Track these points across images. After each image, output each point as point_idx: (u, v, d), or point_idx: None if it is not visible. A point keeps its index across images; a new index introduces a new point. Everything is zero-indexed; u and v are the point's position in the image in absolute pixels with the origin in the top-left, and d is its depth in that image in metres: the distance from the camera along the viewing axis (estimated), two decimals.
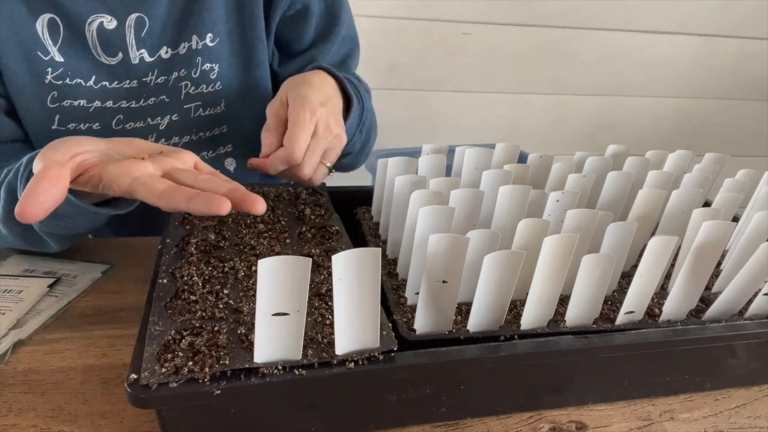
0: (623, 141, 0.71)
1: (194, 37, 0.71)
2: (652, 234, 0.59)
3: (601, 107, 1.74)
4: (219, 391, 0.37)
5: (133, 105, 0.71)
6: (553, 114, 1.72)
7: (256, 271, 0.41)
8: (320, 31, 0.80)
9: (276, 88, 0.70)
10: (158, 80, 0.71)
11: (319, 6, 0.78)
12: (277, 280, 0.36)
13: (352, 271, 0.37)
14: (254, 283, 0.48)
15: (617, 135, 1.78)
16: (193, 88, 0.73)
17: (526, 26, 1.57)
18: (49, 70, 0.66)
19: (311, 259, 0.36)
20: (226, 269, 0.51)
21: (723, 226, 0.48)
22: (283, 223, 0.60)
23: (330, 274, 0.40)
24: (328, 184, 0.71)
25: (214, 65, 0.73)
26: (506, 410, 0.47)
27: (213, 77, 0.74)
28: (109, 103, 0.70)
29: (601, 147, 0.71)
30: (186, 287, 0.48)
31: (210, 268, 0.51)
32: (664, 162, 0.68)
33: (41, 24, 0.64)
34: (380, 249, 0.38)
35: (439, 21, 1.52)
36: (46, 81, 0.66)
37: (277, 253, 0.54)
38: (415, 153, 0.62)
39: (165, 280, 0.48)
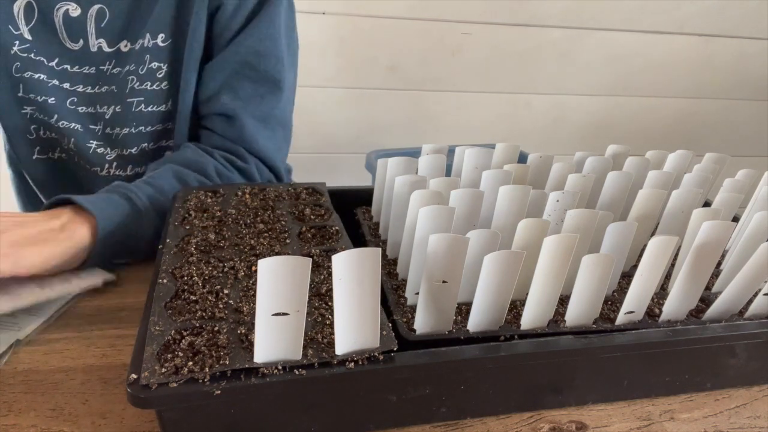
0: (623, 141, 0.71)
1: (147, 35, 0.74)
2: (652, 234, 0.59)
3: (601, 107, 1.74)
4: (219, 391, 0.37)
5: (87, 90, 0.76)
6: (553, 114, 1.72)
7: (256, 271, 0.41)
8: (222, 48, 0.77)
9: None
10: (114, 71, 0.75)
11: (234, 23, 0.75)
12: (277, 280, 0.36)
13: (352, 271, 0.37)
14: (254, 283, 0.48)
15: (617, 135, 1.78)
16: (138, 83, 0.76)
17: (526, 26, 1.57)
18: (17, 42, 0.71)
19: (311, 259, 0.36)
20: (226, 269, 0.51)
21: (723, 226, 0.48)
22: (283, 223, 0.60)
23: (330, 274, 0.40)
24: (328, 185, 0.71)
25: (162, 65, 0.75)
26: (506, 410, 0.47)
27: (160, 76, 0.76)
28: (66, 85, 0.75)
29: (601, 147, 0.71)
30: (186, 287, 0.48)
31: (210, 268, 0.51)
32: (664, 162, 0.68)
33: (18, 6, 0.70)
34: (380, 249, 0.38)
35: (439, 21, 1.52)
36: (12, 52, 0.71)
37: (277, 253, 0.54)
38: (415, 153, 0.62)
39: (165, 280, 0.48)
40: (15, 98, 0.74)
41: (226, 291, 0.48)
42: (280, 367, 0.39)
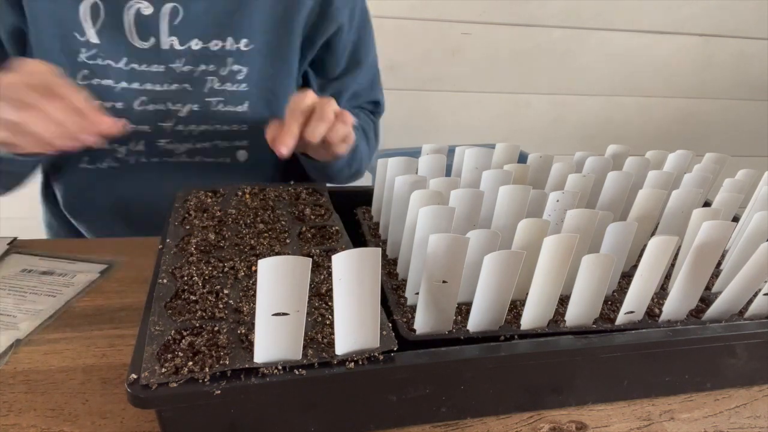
0: (623, 141, 0.71)
1: (230, 39, 0.75)
2: (652, 234, 0.59)
3: (601, 107, 1.74)
4: (219, 391, 0.37)
5: (157, 88, 0.76)
6: (553, 114, 1.72)
7: (256, 271, 0.41)
8: (349, 63, 0.87)
9: None
10: (184, 68, 0.76)
11: (350, 35, 0.84)
12: (277, 280, 0.36)
13: (352, 271, 0.37)
14: (254, 283, 0.48)
15: (617, 135, 1.77)
16: (218, 84, 0.77)
17: (526, 26, 1.57)
18: (83, 50, 0.71)
19: (311, 259, 0.36)
20: (226, 269, 0.51)
21: (723, 226, 0.48)
22: (283, 223, 0.60)
23: (330, 274, 0.40)
24: (327, 185, 0.71)
25: (243, 68, 0.77)
26: (506, 410, 0.47)
27: (240, 78, 0.78)
28: (135, 85, 0.75)
29: (601, 147, 0.71)
30: (186, 287, 0.48)
31: (210, 268, 0.51)
32: (664, 162, 0.68)
33: (84, 8, 0.70)
34: (380, 249, 0.38)
35: (439, 21, 1.52)
36: (79, 60, 0.71)
37: (277, 253, 0.54)
38: (415, 153, 0.62)
39: (165, 280, 0.48)
40: None
41: (226, 291, 0.48)
42: (280, 367, 0.39)
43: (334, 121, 0.64)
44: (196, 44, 0.75)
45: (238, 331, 0.42)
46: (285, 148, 0.63)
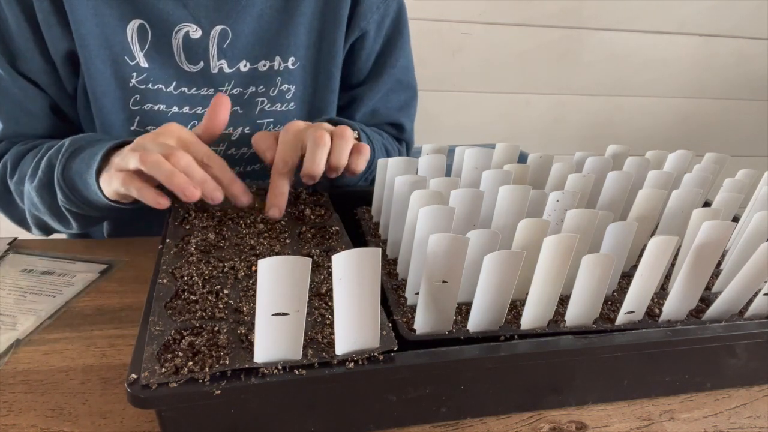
0: (623, 141, 0.71)
1: (277, 58, 0.74)
2: (652, 234, 0.59)
3: (601, 107, 1.74)
4: (219, 391, 0.37)
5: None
6: (553, 114, 1.72)
7: (256, 271, 0.41)
8: (370, 74, 0.83)
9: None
10: (234, 91, 0.74)
11: (376, 44, 0.81)
12: (277, 280, 0.36)
13: (352, 271, 0.37)
14: (254, 283, 0.48)
15: (617, 135, 1.78)
16: (268, 105, 0.77)
17: (526, 26, 1.57)
18: (134, 74, 0.70)
19: (311, 259, 0.36)
20: (226, 269, 0.51)
21: (723, 226, 0.48)
22: (283, 223, 0.60)
23: (330, 274, 0.40)
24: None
25: (291, 86, 0.77)
26: (506, 410, 0.47)
27: (288, 97, 0.77)
28: (186, 109, 0.73)
29: (601, 147, 0.71)
30: (186, 287, 0.48)
31: (210, 268, 0.51)
32: (664, 162, 0.68)
33: (131, 29, 0.68)
34: (380, 249, 0.38)
35: (439, 21, 1.52)
36: (130, 84, 0.70)
37: (277, 253, 0.54)
38: (415, 153, 0.62)
39: (165, 280, 0.48)
40: (127, 132, 0.72)
41: (226, 291, 0.48)
42: (280, 367, 0.39)
43: (333, 142, 0.59)
44: (244, 66, 0.73)
45: (238, 331, 0.42)
46: (276, 209, 0.59)
